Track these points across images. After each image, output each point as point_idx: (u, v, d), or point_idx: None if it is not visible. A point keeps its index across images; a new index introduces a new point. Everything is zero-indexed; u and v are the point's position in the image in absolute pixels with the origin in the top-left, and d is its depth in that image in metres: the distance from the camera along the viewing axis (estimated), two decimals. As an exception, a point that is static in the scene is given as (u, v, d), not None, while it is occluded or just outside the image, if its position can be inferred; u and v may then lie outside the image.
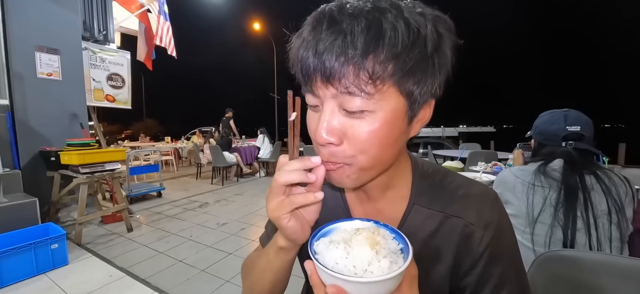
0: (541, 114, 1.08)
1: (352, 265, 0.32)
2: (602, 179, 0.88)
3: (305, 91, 0.40)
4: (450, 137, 12.22)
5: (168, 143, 8.57)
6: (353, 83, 0.34)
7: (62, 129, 3.21)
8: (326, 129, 0.37)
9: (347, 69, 0.34)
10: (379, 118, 0.36)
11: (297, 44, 0.38)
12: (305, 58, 0.36)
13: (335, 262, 0.32)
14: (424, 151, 5.94)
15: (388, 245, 0.34)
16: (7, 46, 2.87)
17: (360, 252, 0.32)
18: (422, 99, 0.38)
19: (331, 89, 0.36)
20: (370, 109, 0.35)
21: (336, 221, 0.40)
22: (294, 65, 0.39)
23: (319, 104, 0.38)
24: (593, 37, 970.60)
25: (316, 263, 0.32)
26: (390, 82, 0.35)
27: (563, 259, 0.68)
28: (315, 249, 0.35)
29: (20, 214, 2.27)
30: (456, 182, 0.48)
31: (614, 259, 0.67)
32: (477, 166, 2.42)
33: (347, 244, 0.34)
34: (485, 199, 0.46)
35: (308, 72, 0.36)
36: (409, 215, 0.46)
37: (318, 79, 0.36)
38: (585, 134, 0.96)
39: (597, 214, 0.84)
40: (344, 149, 0.37)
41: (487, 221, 0.44)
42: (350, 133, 0.37)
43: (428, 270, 0.45)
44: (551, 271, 0.69)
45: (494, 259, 0.43)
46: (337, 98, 0.36)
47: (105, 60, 3.87)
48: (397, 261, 0.32)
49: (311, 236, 0.38)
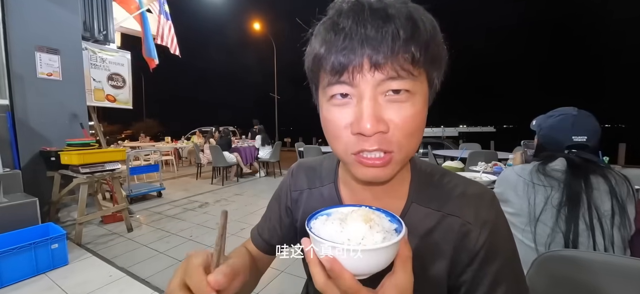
0: (550, 112, 1.04)
1: (347, 238, 0.33)
2: (609, 180, 0.87)
3: (332, 83, 0.38)
4: (450, 137, 12.22)
5: (168, 143, 8.57)
6: (402, 66, 0.35)
7: (62, 129, 3.21)
8: (375, 116, 0.36)
9: (398, 52, 0.35)
10: (419, 100, 0.38)
11: (330, 36, 0.37)
12: (349, 46, 0.35)
13: (330, 236, 0.33)
14: (424, 151, 5.93)
15: (382, 223, 0.35)
16: (8, 46, 2.87)
17: (355, 227, 0.34)
18: (436, 87, 0.42)
19: (377, 75, 0.35)
20: (414, 90, 0.37)
21: (333, 206, 0.41)
22: (326, 56, 0.37)
23: (353, 95, 0.37)
24: (593, 37, 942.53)
25: (312, 234, 0.33)
26: (422, 69, 0.37)
27: (563, 259, 0.68)
28: (312, 225, 0.36)
29: (20, 214, 2.27)
30: (454, 181, 0.49)
31: (615, 259, 0.67)
32: (477, 166, 2.42)
33: (342, 222, 0.35)
34: (483, 198, 0.46)
35: (350, 61, 0.35)
36: (407, 213, 0.47)
37: (364, 67, 0.35)
38: (590, 144, 0.93)
39: (600, 216, 0.84)
40: (393, 135, 0.37)
41: (483, 220, 0.44)
42: (397, 118, 0.37)
43: (426, 267, 0.45)
44: (551, 271, 0.69)
45: (489, 257, 0.43)
46: (382, 85, 0.36)
47: (105, 60, 3.87)
48: (391, 238, 0.32)
49: (310, 215, 0.38)
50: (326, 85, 0.39)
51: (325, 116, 0.41)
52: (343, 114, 0.38)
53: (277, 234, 0.60)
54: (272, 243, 0.60)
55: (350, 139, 0.38)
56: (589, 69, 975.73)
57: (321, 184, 0.56)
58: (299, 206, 0.58)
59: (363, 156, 0.38)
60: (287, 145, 14.50)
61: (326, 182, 0.55)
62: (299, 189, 0.59)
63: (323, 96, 0.41)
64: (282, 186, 0.63)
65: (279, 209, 0.61)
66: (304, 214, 0.56)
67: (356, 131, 0.37)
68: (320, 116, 0.43)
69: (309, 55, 0.41)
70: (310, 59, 0.41)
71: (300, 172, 0.60)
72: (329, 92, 0.39)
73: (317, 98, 0.44)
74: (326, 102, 0.40)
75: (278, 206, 0.62)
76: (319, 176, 0.57)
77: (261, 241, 0.61)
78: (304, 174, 0.60)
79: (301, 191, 0.58)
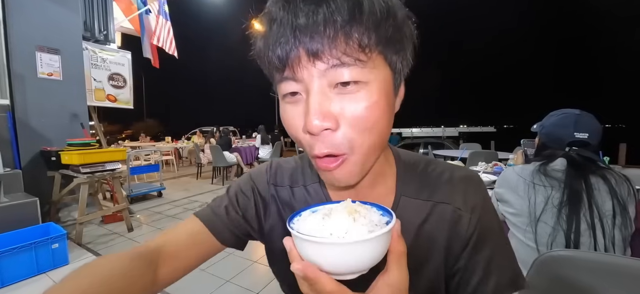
0: (552, 112, 1.04)
1: (329, 232, 0.29)
2: (609, 180, 0.87)
3: (280, 81, 0.36)
4: (451, 137, 12.20)
5: (168, 143, 8.58)
6: (345, 52, 0.32)
7: (63, 129, 3.21)
8: (319, 112, 0.32)
9: (336, 37, 0.31)
10: (375, 89, 0.34)
11: (266, 30, 0.34)
12: (282, 38, 0.32)
13: (309, 230, 0.30)
14: (425, 151, 5.93)
15: (370, 216, 0.32)
16: (8, 46, 2.87)
17: (338, 220, 0.30)
18: (403, 71, 0.38)
19: (319, 64, 0.32)
20: (365, 79, 0.33)
21: (317, 204, 0.37)
22: (265, 52, 0.35)
23: (300, 90, 0.34)
24: (594, 37, 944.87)
25: (292, 232, 0.30)
26: (377, 51, 0.33)
27: (564, 260, 0.68)
28: (294, 224, 0.33)
29: (20, 214, 2.27)
30: (439, 168, 0.48)
31: (615, 259, 0.67)
32: (477, 166, 2.42)
33: (326, 216, 0.32)
34: (470, 182, 0.46)
35: (287, 54, 0.32)
36: (397, 208, 0.45)
37: (302, 58, 0.32)
38: (592, 142, 0.93)
39: (601, 215, 0.84)
40: (343, 133, 0.34)
41: (473, 204, 0.44)
42: (348, 112, 0.33)
43: (422, 262, 0.44)
44: (552, 271, 0.69)
45: (481, 242, 0.43)
46: (327, 75, 0.33)
47: (106, 60, 3.88)
48: (378, 231, 0.29)
49: (294, 212, 0.35)
50: (276, 82, 0.37)
51: (282, 115, 0.39)
52: (296, 111, 0.36)
53: (240, 225, 0.51)
54: (237, 234, 0.51)
55: (305, 139, 0.36)
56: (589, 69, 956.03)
57: (304, 183, 0.51)
58: (276, 202, 0.52)
59: (318, 159, 0.36)
60: (287, 145, 14.50)
61: (310, 181, 0.51)
62: (279, 184, 0.52)
63: (279, 93, 0.38)
64: (256, 177, 0.54)
65: (244, 199, 0.52)
66: (284, 211, 0.51)
67: (305, 130, 0.34)
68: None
69: (256, 53, 0.38)
70: (258, 58, 0.38)
71: (280, 169, 0.54)
72: (280, 90, 0.36)
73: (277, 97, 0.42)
74: (281, 100, 0.38)
75: (243, 196, 0.52)
76: (301, 175, 0.52)
77: (226, 230, 0.50)
78: (284, 172, 0.54)
79: (281, 186, 0.52)
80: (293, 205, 0.50)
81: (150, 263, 0.42)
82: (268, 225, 0.52)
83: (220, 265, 2.35)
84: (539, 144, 1.09)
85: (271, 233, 0.52)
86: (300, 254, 0.31)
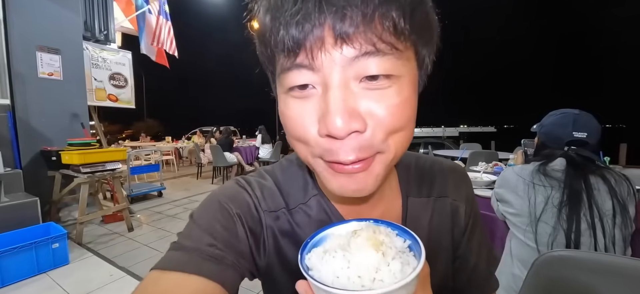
0: (552, 112, 1.05)
1: (357, 276, 0.25)
2: (608, 180, 0.87)
3: (288, 69, 0.28)
4: (451, 137, 12.20)
5: (169, 143, 8.58)
6: (381, 37, 0.25)
7: (63, 128, 3.22)
8: (345, 110, 0.26)
9: (373, 16, 0.25)
10: (407, 84, 0.28)
11: (273, 2, 0.27)
12: (302, 11, 0.25)
13: (335, 276, 0.25)
14: (425, 151, 5.93)
15: (394, 244, 0.27)
16: (9, 46, 2.87)
17: (364, 257, 0.25)
18: (427, 68, 0.33)
19: (347, 50, 0.26)
20: (397, 73, 0.27)
21: (327, 227, 0.31)
22: (272, 29, 0.27)
23: (315, 83, 0.28)
24: (593, 36, 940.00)
25: (312, 282, 0.24)
26: (410, 42, 0.28)
27: (564, 260, 0.68)
28: (308, 264, 0.27)
29: (21, 214, 2.27)
30: (428, 162, 0.49)
31: (615, 260, 0.67)
32: (477, 166, 2.41)
33: (345, 251, 0.26)
34: (458, 174, 0.49)
35: (306, 33, 0.25)
36: (407, 211, 0.43)
37: (326, 40, 0.25)
38: (590, 141, 0.94)
39: (601, 215, 0.84)
40: (372, 134, 0.28)
41: (466, 195, 0.47)
42: (377, 110, 0.27)
43: (436, 258, 0.44)
44: (552, 271, 0.69)
45: (474, 227, 0.48)
46: (354, 65, 0.26)
47: (106, 60, 3.88)
48: (409, 262, 0.25)
49: (300, 250, 0.29)
50: (280, 71, 0.29)
51: (283, 111, 0.31)
52: (307, 108, 0.29)
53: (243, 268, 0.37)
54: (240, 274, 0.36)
55: (318, 142, 0.29)
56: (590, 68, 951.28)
57: (303, 200, 0.41)
58: (273, 234, 0.40)
59: (337, 164, 0.29)
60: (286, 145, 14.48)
61: (306, 196, 0.41)
62: (273, 209, 0.40)
63: (280, 86, 0.31)
64: (236, 202, 0.38)
65: (242, 233, 0.37)
66: (284, 242, 0.40)
67: (324, 132, 0.27)
68: (278, 109, 0.33)
69: (256, 30, 0.31)
70: (258, 36, 0.31)
71: (266, 190, 0.41)
72: (286, 81, 0.29)
73: (275, 88, 0.34)
74: (284, 93, 0.30)
75: (238, 229, 0.37)
76: (291, 191, 0.42)
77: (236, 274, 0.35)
78: (272, 192, 0.41)
79: (276, 212, 0.40)
80: (296, 233, 0.40)
81: None
82: (263, 265, 0.40)
83: (220, 265, 2.35)
84: (538, 143, 1.09)
85: (269, 274, 0.41)
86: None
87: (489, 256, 0.50)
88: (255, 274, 0.41)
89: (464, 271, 0.47)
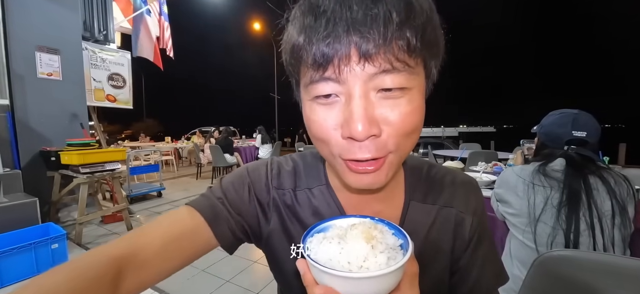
0: (551, 112, 1.05)
1: (347, 261, 0.29)
2: (608, 181, 0.87)
3: (316, 81, 0.33)
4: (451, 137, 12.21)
5: (168, 143, 8.57)
6: (397, 56, 0.30)
7: (63, 129, 3.21)
8: (365, 118, 0.31)
9: (392, 39, 0.29)
10: (416, 95, 0.33)
11: (309, 21, 0.31)
12: (333, 33, 0.29)
13: (328, 258, 0.30)
14: (424, 151, 5.93)
15: (386, 240, 0.31)
16: (8, 46, 2.86)
17: (355, 247, 0.30)
18: (433, 77, 0.37)
19: (369, 67, 0.30)
20: (409, 85, 0.32)
21: (331, 218, 0.36)
22: (305, 47, 0.32)
23: (340, 93, 0.32)
24: (594, 36, 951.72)
25: (309, 261, 0.29)
26: (420, 58, 0.32)
27: (563, 260, 0.68)
28: (308, 245, 0.32)
29: (20, 214, 2.27)
30: (441, 172, 0.50)
31: (615, 259, 0.67)
32: (477, 166, 2.41)
33: (341, 240, 0.31)
34: (470, 186, 0.49)
35: (334, 52, 0.30)
36: (407, 213, 0.45)
37: (352, 58, 0.30)
38: (590, 140, 0.94)
39: (601, 215, 0.84)
40: (387, 138, 0.33)
41: (474, 208, 0.47)
42: (392, 118, 0.32)
43: (430, 264, 0.45)
44: (551, 271, 0.69)
45: (480, 241, 0.47)
46: (374, 79, 0.31)
47: (105, 60, 3.87)
48: (396, 257, 0.29)
49: (305, 233, 0.34)
50: (309, 82, 0.34)
51: (308, 116, 0.36)
52: (331, 114, 0.34)
53: (238, 224, 0.46)
54: (235, 234, 0.45)
55: (339, 143, 0.34)
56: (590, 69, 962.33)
57: (308, 186, 0.48)
58: (278, 208, 0.47)
59: (354, 163, 0.34)
60: (287, 145, 14.51)
61: (315, 183, 0.48)
62: (281, 187, 0.48)
63: (306, 93, 0.36)
64: (255, 175, 0.48)
65: (240, 197, 0.46)
66: (287, 216, 0.47)
67: (347, 135, 0.32)
68: (303, 114, 0.38)
69: (286, 45, 0.35)
70: (288, 50, 0.35)
71: (282, 171, 0.49)
72: (313, 91, 0.34)
73: (299, 94, 0.39)
74: (309, 100, 0.35)
75: (239, 193, 0.46)
76: (303, 176, 0.49)
77: (226, 228, 0.44)
78: (286, 174, 0.49)
79: (283, 189, 0.48)
80: (296, 210, 0.47)
81: (118, 273, 0.34)
82: (266, 231, 0.47)
83: (220, 265, 2.34)
84: (538, 143, 1.09)
85: (270, 240, 0.48)
86: (315, 279, 0.30)
87: (495, 274, 0.48)
88: (259, 239, 0.49)
89: (464, 283, 0.47)
